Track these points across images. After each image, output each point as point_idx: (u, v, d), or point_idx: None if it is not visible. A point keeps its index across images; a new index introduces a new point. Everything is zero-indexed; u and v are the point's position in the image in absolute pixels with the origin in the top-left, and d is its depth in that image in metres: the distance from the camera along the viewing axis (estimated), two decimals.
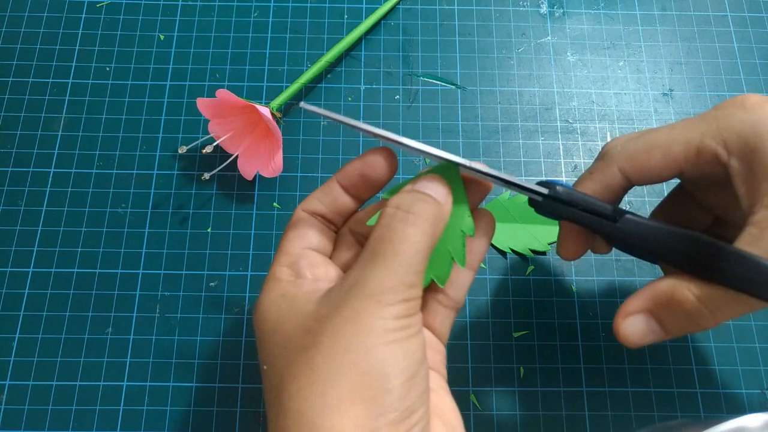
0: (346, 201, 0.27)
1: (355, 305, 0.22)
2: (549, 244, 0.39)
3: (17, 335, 0.37)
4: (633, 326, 0.26)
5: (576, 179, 0.29)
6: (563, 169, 0.41)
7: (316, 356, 0.22)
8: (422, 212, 0.24)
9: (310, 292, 0.24)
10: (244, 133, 0.40)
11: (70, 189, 0.40)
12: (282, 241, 0.27)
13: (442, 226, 0.24)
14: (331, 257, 0.27)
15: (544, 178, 0.41)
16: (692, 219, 0.31)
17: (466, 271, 0.28)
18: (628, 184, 0.27)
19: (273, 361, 0.23)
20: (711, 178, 0.26)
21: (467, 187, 0.27)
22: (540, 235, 0.39)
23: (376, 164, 0.27)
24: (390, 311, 0.22)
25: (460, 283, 0.28)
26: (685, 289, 0.24)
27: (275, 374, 0.23)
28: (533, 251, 0.39)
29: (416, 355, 0.22)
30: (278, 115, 0.40)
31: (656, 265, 0.39)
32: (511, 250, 0.39)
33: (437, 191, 0.25)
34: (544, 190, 0.26)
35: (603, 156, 0.28)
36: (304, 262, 0.26)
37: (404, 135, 0.42)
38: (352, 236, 0.28)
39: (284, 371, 0.22)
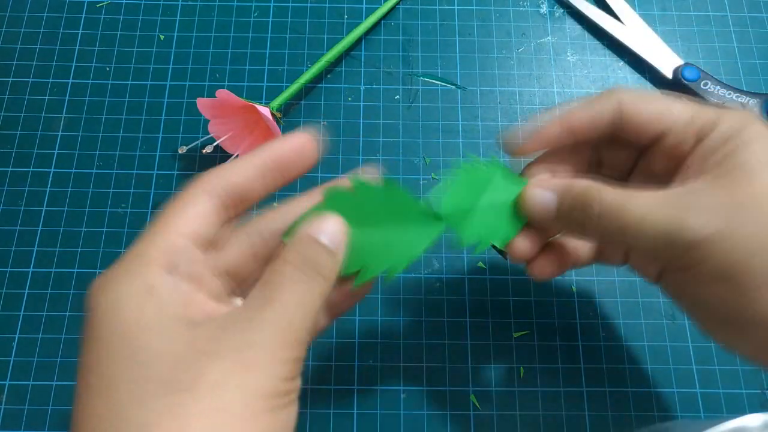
0: (254, 187, 0.24)
1: (247, 353, 0.19)
2: None
3: (17, 335, 0.37)
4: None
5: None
6: None
7: (189, 406, 0.17)
8: (320, 268, 0.22)
9: (185, 303, 0.20)
10: (244, 133, 0.40)
11: (70, 189, 0.40)
12: (168, 213, 0.22)
13: (335, 277, 0.23)
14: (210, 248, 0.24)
15: None
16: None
17: (326, 318, 0.25)
18: (615, 124, 0.27)
19: (115, 380, 0.18)
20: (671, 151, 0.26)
21: None
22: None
23: (302, 151, 0.24)
24: (281, 370, 0.19)
25: (319, 328, 0.25)
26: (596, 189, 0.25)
27: (114, 402, 0.18)
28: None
29: (291, 426, 0.20)
30: (278, 115, 0.40)
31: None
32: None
33: (335, 238, 0.23)
34: None
35: (610, 90, 0.28)
36: (184, 257, 0.21)
37: (404, 136, 0.42)
38: (246, 236, 0.24)
39: (132, 406, 0.18)
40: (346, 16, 0.46)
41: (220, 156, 0.40)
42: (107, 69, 0.44)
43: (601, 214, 0.24)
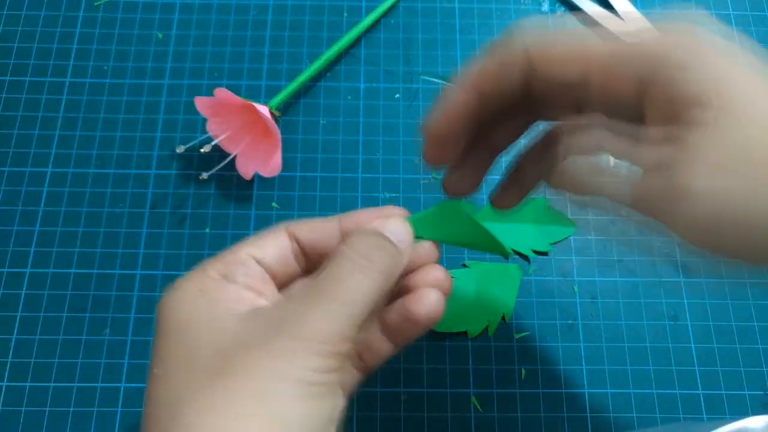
0: (331, 246, 0.24)
1: (282, 344, 0.20)
2: (551, 245, 0.39)
3: (14, 336, 0.37)
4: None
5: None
6: None
7: (225, 389, 0.19)
8: (378, 261, 0.22)
9: (233, 301, 0.22)
10: (243, 132, 0.40)
11: (67, 189, 0.40)
12: (244, 239, 0.24)
13: (395, 278, 0.23)
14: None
15: None
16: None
17: (387, 343, 0.25)
18: (526, 74, 0.23)
19: (171, 368, 0.21)
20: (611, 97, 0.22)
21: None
22: (542, 235, 0.39)
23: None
24: (315, 362, 0.20)
25: (379, 352, 0.25)
26: None
27: (171, 386, 0.20)
28: (535, 251, 0.39)
29: (324, 417, 0.21)
30: (277, 114, 0.40)
31: (656, 266, 0.38)
32: (513, 250, 0.39)
33: (400, 237, 0.23)
34: None
35: (511, 33, 0.23)
36: (242, 269, 0.23)
37: (404, 135, 0.42)
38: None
39: (184, 389, 0.20)
40: (345, 14, 0.45)
41: (219, 155, 0.40)
42: (105, 68, 0.43)
43: None
